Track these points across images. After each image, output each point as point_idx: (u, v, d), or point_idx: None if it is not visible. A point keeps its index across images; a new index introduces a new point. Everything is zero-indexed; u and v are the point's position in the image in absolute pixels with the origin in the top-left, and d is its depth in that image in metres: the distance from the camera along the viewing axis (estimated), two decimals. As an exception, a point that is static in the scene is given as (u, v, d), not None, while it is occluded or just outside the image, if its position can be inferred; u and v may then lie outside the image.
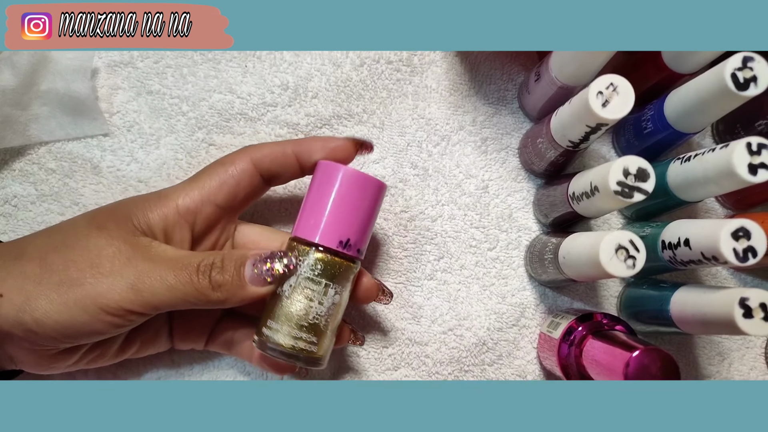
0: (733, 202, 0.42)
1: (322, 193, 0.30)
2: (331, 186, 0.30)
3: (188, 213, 0.30)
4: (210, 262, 0.28)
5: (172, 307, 0.28)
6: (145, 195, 0.31)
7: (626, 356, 0.30)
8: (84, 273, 0.27)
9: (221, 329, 0.34)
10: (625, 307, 0.40)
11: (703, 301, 0.32)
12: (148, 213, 0.29)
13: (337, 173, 0.30)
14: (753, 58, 0.30)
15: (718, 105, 0.32)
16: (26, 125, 0.36)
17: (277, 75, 0.40)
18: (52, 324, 0.26)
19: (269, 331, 0.29)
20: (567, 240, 0.34)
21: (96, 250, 0.27)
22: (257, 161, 0.31)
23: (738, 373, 0.41)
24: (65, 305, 0.26)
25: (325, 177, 0.31)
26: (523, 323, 0.40)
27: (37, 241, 0.29)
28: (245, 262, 0.28)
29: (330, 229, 0.30)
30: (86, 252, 0.27)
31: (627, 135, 0.40)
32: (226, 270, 0.28)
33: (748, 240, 0.29)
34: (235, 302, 0.28)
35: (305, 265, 0.29)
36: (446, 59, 0.42)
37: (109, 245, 0.28)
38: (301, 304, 0.29)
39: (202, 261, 0.28)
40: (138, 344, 0.32)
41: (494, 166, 0.41)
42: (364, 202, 0.31)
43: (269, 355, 0.30)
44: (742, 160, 0.30)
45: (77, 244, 0.28)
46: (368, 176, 0.31)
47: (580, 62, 0.34)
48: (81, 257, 0.27)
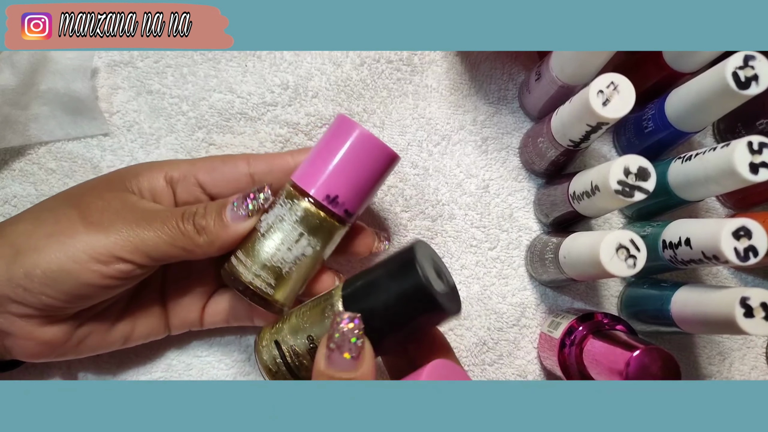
0: (734, 201, 0.42)
1: (329, 145, 0.30)
2: (340, 142, 0.30)
3: (173, 182, 0.31)
4: (193, 210, 0.29)
5: (161, 253, 0.28)
6: (138, 164, 0.33)
7: (627, 356, 0.30)
8: (74, 224, 0.28)
9: (216, 299, 0.34)
10: (626, 307, 0.40)
11: (704, 300, 0.32)
12: (139, 177, 0.31)
13: (351, 132, 0.29)
14: (754, 56, 0.30)
15: (719, 104, 0.32)
16: (26, 125, 0.36)
17: (278, 74, 0.40)
18: (41, 275, 0.26)
19: (236, 261, 0.30)
20: (568, 239, 0.34)
21: (85, 205, 0.29)
22: (254, 167, 0.32)
23: (739, 373, 0.41)
24: (54, 255, 0.27)
25: (338, 131, 0.30)
26: (524, 323, 0.40)
27: (32, 207, 0.30)
28: (226, 205, 0.29)
29: (322, 182, 0.29)
30: (76, 207, 0.28)
31: (628, 134, 0.40)
32: (208, 214, 0.29)
33: (749, 239, 0.29)
34: (221, 244, 0.29)
35: (287, 209, 0.29)
36: (447, 58, 0.42)
37: (99, 200, 0.29)
38: (271, 245, 0.29)
39: (186, 209, 0.29)
40: (131, 322, 0.32)
41: (495, 165, 0.41)
42: (369, 166, 0.30)
43: (232, 286, 0.30)
44: (743, 159, 0.29)
45: (69, 202, 0.29)
46: (381, 143, 0.30)
47: (581, 61, 0.34)
48: (71, 211, 0.28)
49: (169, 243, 0.28)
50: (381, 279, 0.28)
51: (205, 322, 0.34)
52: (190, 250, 0.29)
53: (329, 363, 0.26)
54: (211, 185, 0.32)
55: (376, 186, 0.31)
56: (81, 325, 0.30)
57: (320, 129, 0.40)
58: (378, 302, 0.27)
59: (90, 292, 0.28)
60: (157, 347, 0.36)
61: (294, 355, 0.29)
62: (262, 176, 0.32)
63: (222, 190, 0.32)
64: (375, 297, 0.27)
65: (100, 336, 0.31)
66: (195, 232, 0.28)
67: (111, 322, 0.31)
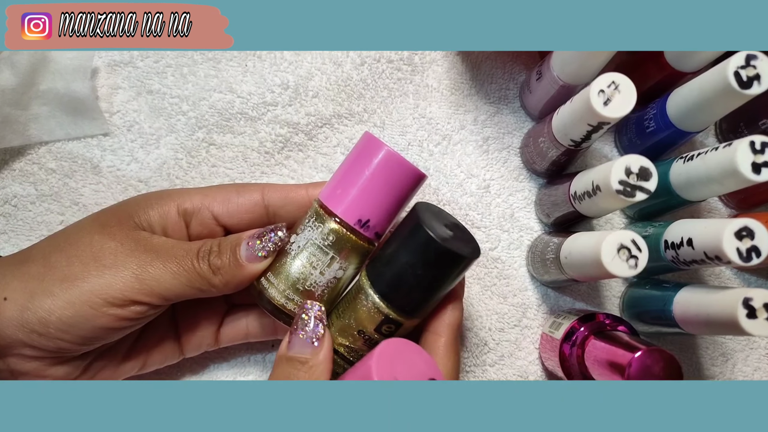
0: (737, 201, 0.42)
1: (358, 165, 0.29)
2: (368, 162, 0.29)
3: (186, 214, 0.30)
4: (208, 248, 0.29)
5: (176, 294, 0.28)
6: (148, 194, 0.32)
7: (628, 357, 0.30)
8: (87, 267, 0.27)
9: (231, 319, 0.34)
10: (628, 308, 0.39)
11: (706, 301, 0.31)
12: (149, 211, 0.30)
13: (378, 152, 0.29)
14: (756, 56, 0.30)
15: (721, 103, 0.32)
16: (26, 125, 0.36)
17: (278, 74, 0.39)
18: (56, 321, 0.26)
19: (267, 283, 0.30)
20: (569, 240, 0.34)
21: (98, 245, 0.28)
22: (268, 198, 0.31)
23: (742, 374, 0.41)
24: (69, 301, 0.26)
25: (366, 151, 0.29)
26: (525, 323, 0.39)
27: (42, 245, 0.29)
28: (240, 243, 0.29)
29: (353, 205, 0.29)
30: (89, 248, 0.28)
31: (629, 134, 0.40)
32: (222, 253, 0.28)
33: (751, 240, 0.29)
34: (237, 284, 0.29)
35: (318, 232, 0.29)
36: (447, 58, 0.42)
37: (110, 240, 0.28)
38: (303, 268, 0.29)
39: (201, 247, 0.29)
40: (144, 353, 0.32)
41: (496, 165, 0.41)
42: (398, 188, 0.29)
43: (261, 306, 0.30)
44: (746, 158, 0.29)
45: (80, 242, 0.28)
46: (408, 164, 0.29)
47: (582, 61, 0.33)
48: (83, 253, 0.27)
49: (184, 284, 0.28)
50: (398, 252, 0.29)
51: (222, 342, 0.34)
52: (206, 290, 0.28)
53: (290, 346, 0.28)
54: (226, 217, 0.31)
55: (404, 205, 0.31)
56: (93, 361, 0.30)
57: (320, 129, 0.40)
58: (404, 274, 0.28)
59: (105, 335, 0.28)
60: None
61: (354, 352, 0.30)
62: (277, 209, 0.31)
63: (236, 222, 0.31)
64: (399, 270, 0.28)
65: (113, 369, 0.31)
66: (210, 272, 0.28)
67: (123, 355, 0.31)
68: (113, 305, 0.27)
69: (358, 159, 0.30)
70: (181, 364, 0.36)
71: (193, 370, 0.37)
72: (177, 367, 0.36)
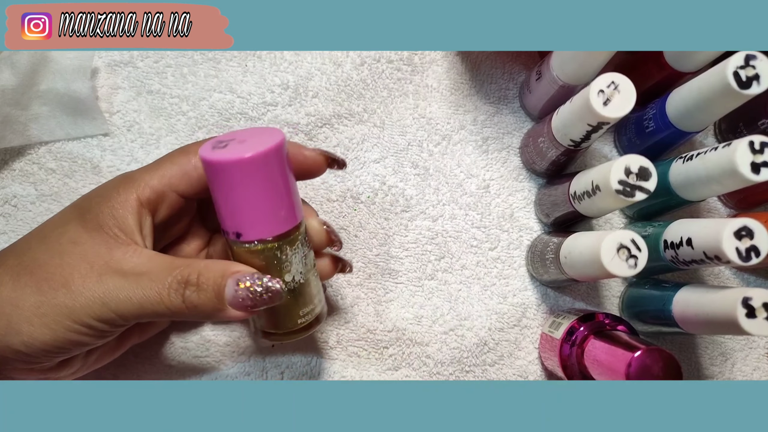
0: (736, 201, 0.42)
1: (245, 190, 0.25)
2: (250, 181, 0.25)
3: (149, 203, 0.28)
4: (184, 278, 0.25)
5: (150, 317, 0.27)
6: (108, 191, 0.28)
7: (628, 356, 0.30)
8: (58, 293, 0.26)
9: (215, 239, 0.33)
10: (627, 307, 0.40)
11: (706, 301, 0.31)
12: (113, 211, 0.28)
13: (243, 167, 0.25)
14: (755, 56, 0.30)
15: (721, 103, 0.32)
16: (26, 125, 0.36)
17: (278, 74, 0.39)
18: (40, 345, 0.26)
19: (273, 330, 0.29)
20: (568, 240, 0.34)
21: (69, 269, 0.26)
22: None
23: (741, 374, 0.41)
24: (47, 327, 0.26)
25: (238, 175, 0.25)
26: (525, 323, 0.39)
27: (10, 264, 0.27)
28: (225, 283, 0.25)
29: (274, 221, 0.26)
30: (59, 270, 0.26)
31: (629, 134, 0.40)
32: (202, 289, 0.25)
33: (750, 239, 0.29)
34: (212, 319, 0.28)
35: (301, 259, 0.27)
36: (447, 58, 0.42)
37: (81, 262, 0.26)
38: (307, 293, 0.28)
39: (174, 276, 0.26)
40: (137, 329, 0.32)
41: (495, 165, 0.41)
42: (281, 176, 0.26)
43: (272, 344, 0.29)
44: (745, 158, 0.29)
45: (50, 263, 0.27)
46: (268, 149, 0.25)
47: (582, 61, 0.33)
48: (54, 276, 0.26)
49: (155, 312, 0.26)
50: None
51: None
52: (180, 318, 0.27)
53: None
54: (192, 192, 0.29)
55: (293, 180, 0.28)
56: (85, 356, 0.30)
57: (320, 129, 0.40)
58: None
59: (91, 342, 0.28)
60: (158, 349, 0.36)
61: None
62: None
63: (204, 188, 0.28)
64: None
65: (108, 353, 0.31)
66: (183, 307, 0.25)
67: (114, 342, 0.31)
68: (90, 327, 0.26)
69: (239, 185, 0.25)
70: (181, 364, 0.36)
71: (194, 369, 0.37)
72: (177, 367, 0.36)
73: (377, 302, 0.38)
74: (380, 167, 0.40)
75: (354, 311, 0.38)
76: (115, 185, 0.29)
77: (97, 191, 0.29)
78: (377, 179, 0.40)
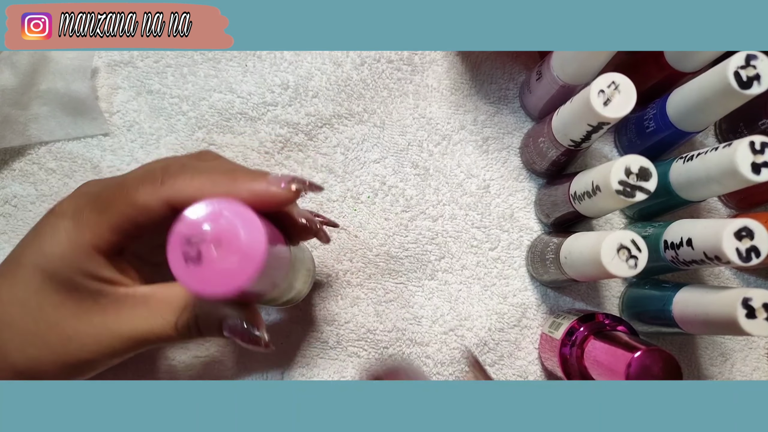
0: (736, 201, 0.42)
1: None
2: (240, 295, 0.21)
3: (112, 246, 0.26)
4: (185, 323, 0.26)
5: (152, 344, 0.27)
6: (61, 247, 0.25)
7: (628, 357, 0.30)
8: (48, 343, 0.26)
9: None
10: (627, 308, 0.40)
11: (706, 301, 0.31)
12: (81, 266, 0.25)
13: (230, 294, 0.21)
14: (756, 56, 0.30)
15: (721, 104, 0.32)
16: (26, 125, 0.36)
17: (278, 74, 0.39)
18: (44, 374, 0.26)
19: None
20: (568, 240, 0.34)
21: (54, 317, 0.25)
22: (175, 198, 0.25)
23: (740, 374, 0.41)
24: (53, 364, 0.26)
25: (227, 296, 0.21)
26: (525, 324, 0.39)
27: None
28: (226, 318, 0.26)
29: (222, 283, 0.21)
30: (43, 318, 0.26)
31: (629, 134, 0.40)
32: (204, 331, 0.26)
33: (751, 240, 0.29)
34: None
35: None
36: (447, 58, 0.42)
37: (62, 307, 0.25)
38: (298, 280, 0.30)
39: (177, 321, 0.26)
40: None
41: (495, 165, 0.41)
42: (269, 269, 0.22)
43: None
44: (746, 159, 0.29)
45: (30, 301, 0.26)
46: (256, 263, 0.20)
47: (582, 61, 0.33)
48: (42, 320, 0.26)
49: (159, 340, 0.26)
50: None
51: None
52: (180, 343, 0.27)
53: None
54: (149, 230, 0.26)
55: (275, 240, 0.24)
56: None
57: (320, 129, 0.40)
58: None
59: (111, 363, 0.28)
60: (157, 348, 0.36)
61: None
62: None
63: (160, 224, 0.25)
64: None
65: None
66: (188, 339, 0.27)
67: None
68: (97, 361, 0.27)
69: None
70: (181, 364, 0.36)
71: (194, 369, 0.37)
72: (177, 367, 0.36)
73: (377, 302, 0.38)
74: (380, 167, 0.40)
75: (354, 311, 0.38)
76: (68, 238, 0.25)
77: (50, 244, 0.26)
78: (377, 179, 0.40)
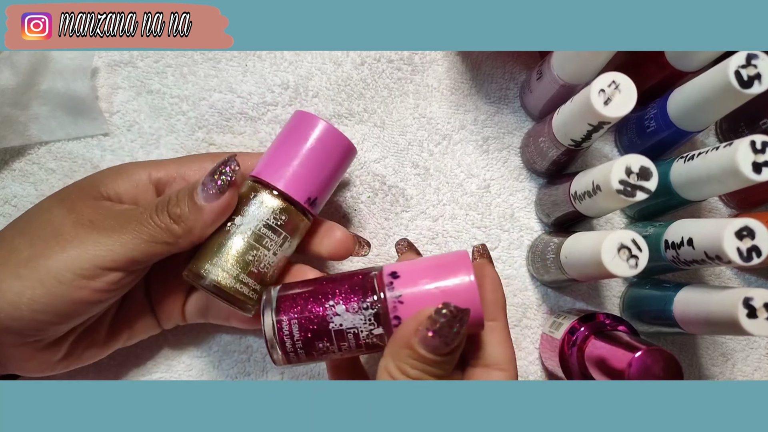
0: (737, 201, 0.42)
1: (296, 141, 0.30)
2: (306, 137, 0.30)
3: (159, 183, 0.31)
4: (165, 200, 0.28)
5: (143, 254, 0.27)
6: (120, 165, 0.32)
7: (629, 357, 0.30)
8: (49, 244, 0.26)
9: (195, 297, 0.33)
10: (628, 308, 0.39)
11: (707, 301, 0.31)
12: (118, 180, 0.30)
13: (315, 125, 0.30)
14: (757, 55, 0.30)
15: (722, 103, 0.32)
16: (26, 125, 0.36)
17: (278, 74, 0.39)
18: (28, 302, 0.26)
19: (211, 266, 0.28)
20: (569, 240, 0.34)
21: (58, 221, 0.27)
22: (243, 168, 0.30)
23: (741, 374, 0.41)
24: (37, 280, 0.26)
25: (302, 126, 0.30)
26: (525, 323, 0.39)
27: (4, 232, 0.29)
28: (196, 188, 0.28)
29: (300, 183, 0.29)
30: (49, 225, 0.27)
31: (630, 133, 0.40)
32: (180, 201, 0.28)
33: (752, 239, 0.29)
34: (201, 231, 0.28)
35: (267, 211, 0.29)
36: (447, 58, 0.42)
37: (70, 213, 0.28)
38: (255, 250, 0.29)
39: (158, 201, 0.28)
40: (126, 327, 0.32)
41: (496, 165, 0.41)
42: (335, 161, 0.31)
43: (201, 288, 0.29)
44: (746, 158, 0.29)
45: (40, 220, 0.28)
46: (344, 137, 0.30)
47: (582, 60, 0.33)
48: (44, 231, 0.27)
49: (149, 241, 0.27)
50: None
51: (187, 319, 0.34)
52: (172, 242, 0.28)
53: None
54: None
55: (339, 179, 0.32)
56: (78, 339, 0.30)
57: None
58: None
59: (83, 309, 0.27)
60: (157, 348, 0.36)
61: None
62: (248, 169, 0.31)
63: None
64: None
65: (99, 345, 0.31)
66: (171, 221, 0.28)
67: (106, 329, 0.31)
68: (84, 277, 0.26)
69: (295, 135, 0.30)
70: (180, 364, 0.36)
71: (194, 369, 0.37)
72: (176, 366, 0.36)
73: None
74: (380, 167, 0.40)
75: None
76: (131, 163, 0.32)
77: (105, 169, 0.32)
78: (377, 179, 0.40)
